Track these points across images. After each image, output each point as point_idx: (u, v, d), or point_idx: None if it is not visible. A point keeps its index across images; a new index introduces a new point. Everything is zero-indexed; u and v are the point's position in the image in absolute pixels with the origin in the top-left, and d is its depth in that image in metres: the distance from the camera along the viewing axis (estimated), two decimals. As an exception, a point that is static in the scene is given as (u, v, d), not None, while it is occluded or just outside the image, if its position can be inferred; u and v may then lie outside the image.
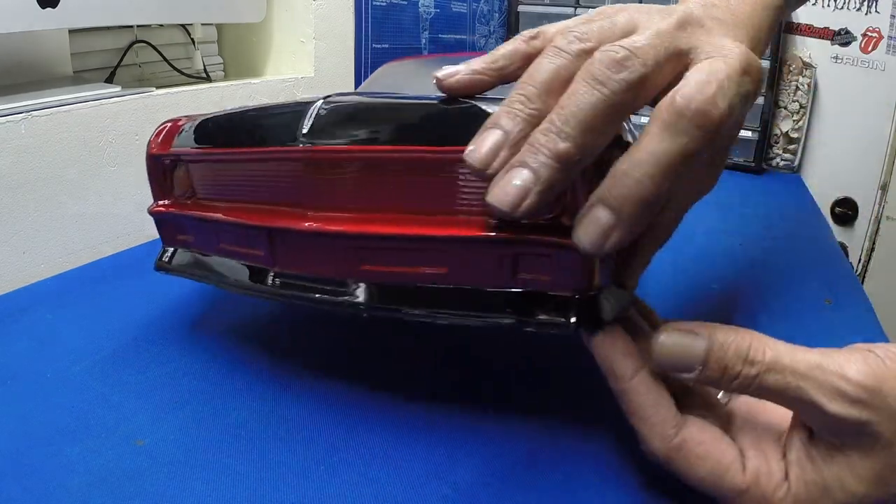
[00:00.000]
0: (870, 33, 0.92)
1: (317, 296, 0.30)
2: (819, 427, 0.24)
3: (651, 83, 0.24)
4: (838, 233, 0.96)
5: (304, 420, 0.32)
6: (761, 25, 0.32)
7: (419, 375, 0.36)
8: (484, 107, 0.26)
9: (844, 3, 0.92)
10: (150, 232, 0.39)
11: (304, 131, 0.29)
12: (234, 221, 0.33)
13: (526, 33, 0.29)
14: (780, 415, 0.26)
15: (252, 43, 0.80)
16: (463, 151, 0.25)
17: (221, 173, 0.35)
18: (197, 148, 0.34)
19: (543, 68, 0.25)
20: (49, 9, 0.49)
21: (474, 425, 0.32)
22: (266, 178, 0.32)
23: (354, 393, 0.34)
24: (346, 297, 0.29)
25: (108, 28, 0.65)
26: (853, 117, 0.94)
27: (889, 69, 0.91)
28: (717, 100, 0.23)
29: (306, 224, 0.30)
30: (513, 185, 0.23)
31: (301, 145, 0.29)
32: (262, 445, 0.30)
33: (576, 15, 1.00)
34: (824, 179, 0.96)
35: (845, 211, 0.97)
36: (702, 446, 0.25)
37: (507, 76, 0.28)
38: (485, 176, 0.24)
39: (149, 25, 0.68)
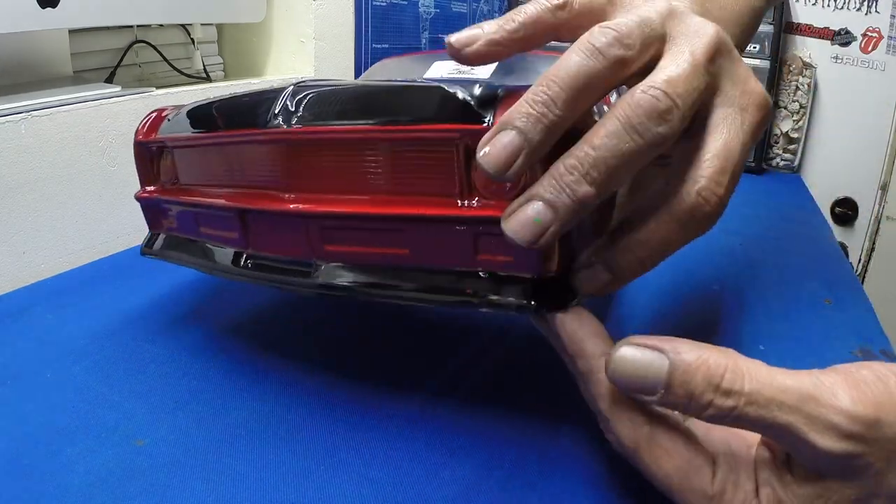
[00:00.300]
0: (870, 33, 0.92)
1: (284, 277, 0.31)
2: (802, 458, 0.21)
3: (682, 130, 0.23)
4: (838, 233, 0.97)
5: (304, 420, 0.32)
6: (745, 22, 0.32)
7: (420, 375, 0.36)
8: (448, 89, 0.26)
9: (844, 3, 0.92)
10: (150, 232, 0.39)
11: (275, 113, 0.29)
12: (210, 203, 0.34)
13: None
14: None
15: (252, 43, 0.80)
16: (422, 130, 0.25)
17: (201, 158, 0.36)
18: (179, 134, 0.35)
19: (575, 68, 0.23)
20: (49, 9, 0.49)
21: (475, 425, 0.32)
22: (239, 162, 0.33)
23: (355, 393, 0.34)
24: (309, 279, 0.30)
25: (108, 28, 0.65)
26: (853, 117, 0.94)
27: (889, 69, 0.91)
28: (726, 195, 0.24)
29: (273, 204, 0.30)
30: (533, 223, 0.23)
31: (271, 127, 0.29)
32: (262, 445, 0.30)
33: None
34: (824, 179, 0.96)
35: (845, 211, 0.97)
36: (672, 441, 0.23)
37: (527, 47, 0.26)
38: (498, 181, 0.24)
39: (149, 25, 0.68)
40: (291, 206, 0.30)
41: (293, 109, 0.29)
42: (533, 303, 0.25)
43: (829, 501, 0.21)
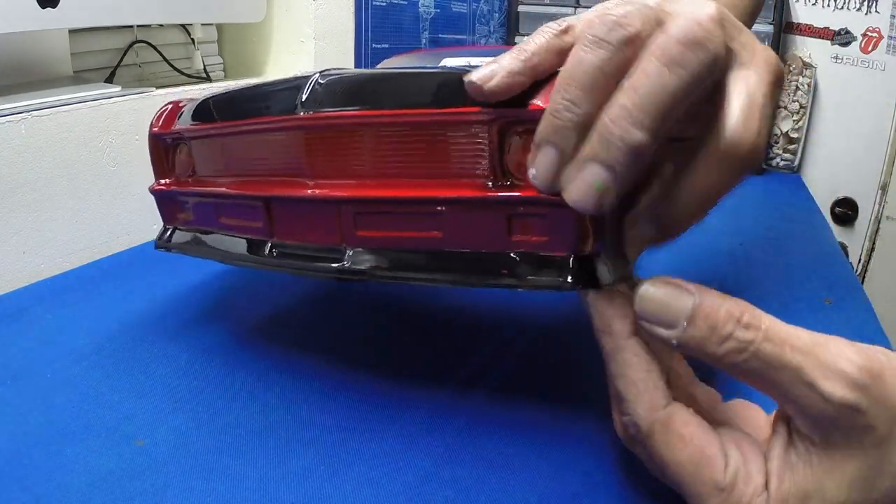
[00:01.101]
0: (870, 33, 0.92)
1: (313, 263, 0.31)
2: (807, 418, 0.22)
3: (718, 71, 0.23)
4: (838, 233, 0.96)
5: (304, 420, 0.32)
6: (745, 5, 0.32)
7: (420, 376, 0.36)
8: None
9: (844, 3, 0.92)
10: (150, 232, 0.39)
11: (303, 100, 0.29)
12: (234, 193, 0.33)
13: (553, 26, 0.26)
14: (762, 422, 0.25)
15: (252, 43, 0.80)
16: (452, 112, 0.25)
17: (222, 148, 0.35)
18: (199, 124, 0.35)
19: (586, 64, 0.23)
20: (49, 9, 0.49)
21: (475, 425, 0.32)
22: (265, 150, 0.32)
23: (356, 393, 0.34)
24: (341, 264, 0.29)
25: (108, 28, 0.65)
26: (853, 117, 0.94)
27: (889, 69, 0.91)
28: (759, 134, 0.23)
29: (302, 191, 0.30)
30: (594, 189, 0.22)
31: (300, 113, 0.29)
32: (261, 445, 0.30)
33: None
34: (824, 179, 0.96)
35: (845, 211, 0.97)
36: (688, 427, 0.23)
37: (541, 74, 0.25)
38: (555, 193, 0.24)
39: (149, 25, 0.68)
40: (323, 191, 0.29)
41: (322, 95, 0.29)
42: (570, 280, 0.25)
43: (833, 479, 0.21)
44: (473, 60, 0.44)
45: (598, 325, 0.25)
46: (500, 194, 0.26)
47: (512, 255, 0.26)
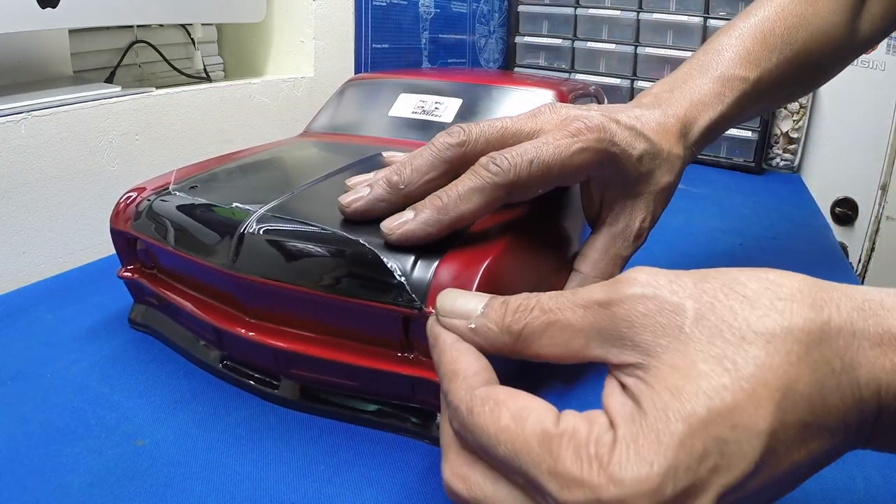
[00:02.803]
0: (870, 33, 0.92)
1: (254, 384, 0.34)
2: (615, 344, 0.21)
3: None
4: (838, 233, 0.97)
5: (304, 420, 0.32)
6: (708, 101, 0.36)
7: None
8: (389, 267, 0.28)
9: (844, 3, 0.92)
10: (150, 232, 0.39)
11: (230, 256, 0.31)
12: (187, 309, 0.35)
13: (447, 142, 0.31)
14: None
15: (252, 43, 0.80)
16: (374, 306, 0.29)
17: (172, 260, 0.37)
18: (147, 236, 0.36)
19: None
20: (49, 9, 0.49)
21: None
22: (208, 276, 0.34)
23: (354, 393, 0.34)
24: (277, 391, 0.33)
25: (108, 28, 0.65)
26: (853, 117, 0.94)
27: (889, 69, 0.91)
28: (498, 159, 0.31)
29: (239, 329, 0.33)
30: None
31: (225, 268, 0.31)
32: (262, 445, 0.30)
33: (575, 16, 1.00)
34: (824, 179, 0.96)
35: (845, 211, 0.97)
36: (506, 396, 0.23)
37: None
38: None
39: (149, 25, 0.69)
40: (259, 336, 0.32)
41: (249, 253, 0.31)
42: None
43: (687, 377, 0.19)
44: (427, 105, 0.45)
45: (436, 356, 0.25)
46: (402, 370, 0.30)
47: (413, 408, 0.31)
